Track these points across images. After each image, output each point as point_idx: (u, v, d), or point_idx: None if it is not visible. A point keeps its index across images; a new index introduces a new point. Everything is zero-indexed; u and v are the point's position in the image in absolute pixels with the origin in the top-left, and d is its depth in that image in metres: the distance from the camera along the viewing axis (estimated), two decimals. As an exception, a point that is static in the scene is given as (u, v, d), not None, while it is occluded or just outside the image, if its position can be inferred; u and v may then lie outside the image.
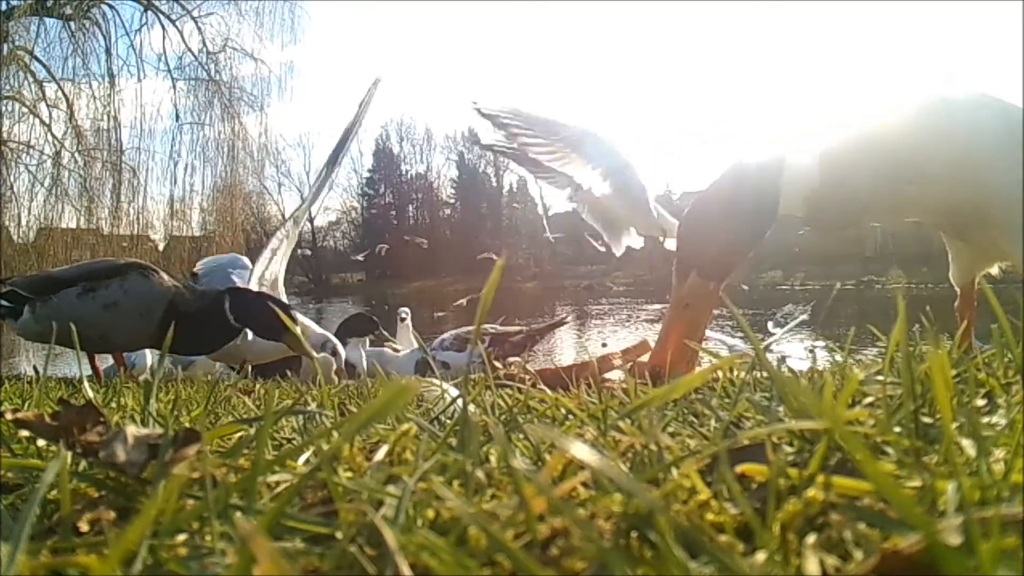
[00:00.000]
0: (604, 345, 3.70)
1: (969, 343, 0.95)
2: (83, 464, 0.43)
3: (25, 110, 9.84)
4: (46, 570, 0.30)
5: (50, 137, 10.02)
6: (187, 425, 0.57)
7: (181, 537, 0.33)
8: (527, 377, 0.89)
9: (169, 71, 11.47)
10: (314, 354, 2.77)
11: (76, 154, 10.14)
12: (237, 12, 11.77)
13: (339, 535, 0.32)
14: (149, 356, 4.12)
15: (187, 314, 2.31)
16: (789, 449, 0.42)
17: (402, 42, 57.65)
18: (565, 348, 7.12)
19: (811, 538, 0.30)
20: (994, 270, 1.26)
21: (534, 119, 3.32)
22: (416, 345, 3.80)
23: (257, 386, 1.63)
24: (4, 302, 2.42)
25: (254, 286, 3.08)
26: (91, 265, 2.51)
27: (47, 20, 10.23)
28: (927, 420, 0.43)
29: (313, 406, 0.73)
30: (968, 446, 0.35)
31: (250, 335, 2.73)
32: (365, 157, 38.14)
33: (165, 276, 2.40)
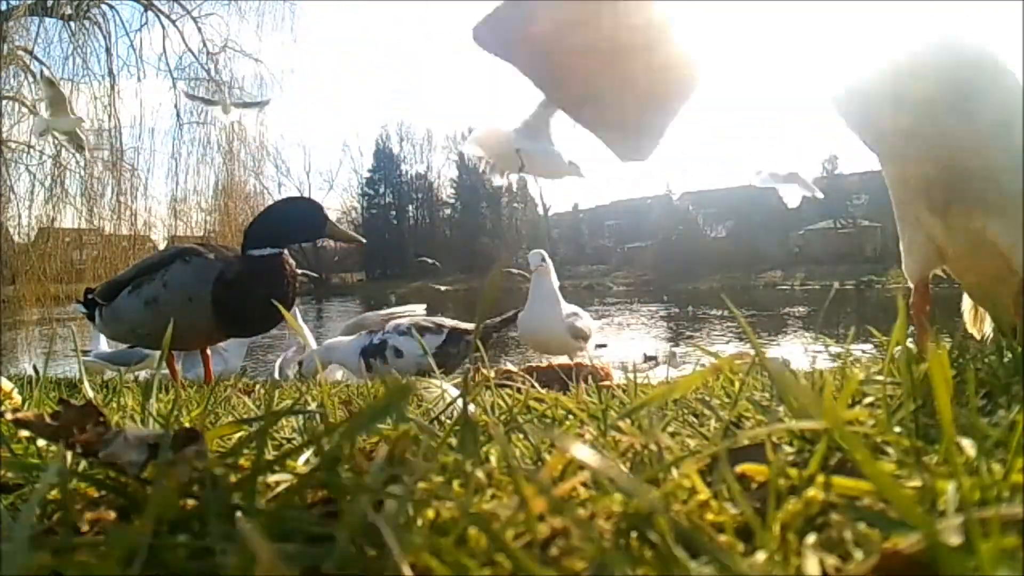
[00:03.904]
0: (604, 346, 3.68)
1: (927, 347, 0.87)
2: (83, 464, 0.43)
3: (25, 110, 9.85)
4: (46, 570, 0.30)
5: (50, 137, 10.01)
6: (187, 425, 0.57)
7: (181, 537, 0.33)
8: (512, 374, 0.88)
9: (169, 71, 11.50)
10: (358, 237, 2.74)
11: (76, 154, 10.14)
12: (237, 12, 11.84)
13: (339, 535, 0.32)
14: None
15: (237, 280, 2.06)
16: (789, 449, 0.42)
17: (402, 42, 57.71)
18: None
19: (811, 538, 0.30)
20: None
21: None
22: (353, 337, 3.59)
23: (257, 386, 1.63)
24: (84, 309, 2.47)
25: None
26: (144, 260, 2.38)
27: (47, 20, 10.27)
28: (927, 420, 0.43)
29: (313, 406, 0.73)
30: (968, 446, 0.35)
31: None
32: (365, 157, 38.24)
33: (212, 255, 2.16)
